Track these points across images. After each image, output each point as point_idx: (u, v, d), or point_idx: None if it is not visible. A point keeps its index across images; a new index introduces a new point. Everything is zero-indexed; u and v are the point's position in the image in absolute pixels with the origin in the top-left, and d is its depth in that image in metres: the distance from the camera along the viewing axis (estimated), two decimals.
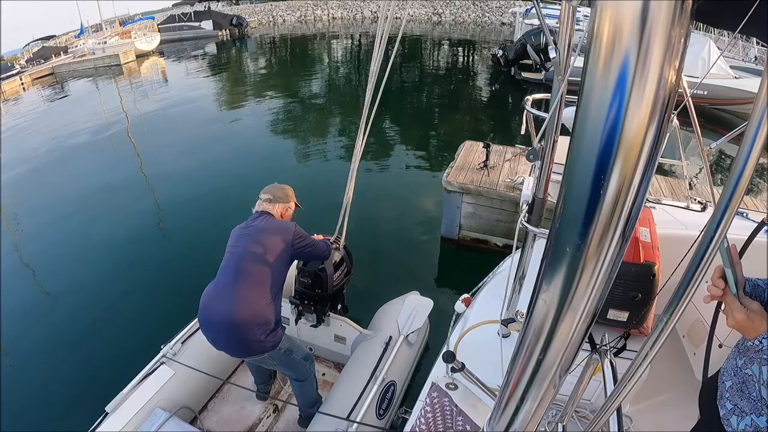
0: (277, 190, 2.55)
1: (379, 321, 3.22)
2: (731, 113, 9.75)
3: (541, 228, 1.68)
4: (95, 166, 8.55)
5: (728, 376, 1.28)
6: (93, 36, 24.70)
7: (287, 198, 2.56)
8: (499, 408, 0.76)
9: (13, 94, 16.60)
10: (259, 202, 2.51)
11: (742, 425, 1.18)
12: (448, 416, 1.53)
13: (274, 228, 2.38)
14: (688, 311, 2.51)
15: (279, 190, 2.56)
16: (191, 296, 2.45)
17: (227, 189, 6.61)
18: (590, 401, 1.98)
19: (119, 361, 3.52)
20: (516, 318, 1.83)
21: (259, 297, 2.20)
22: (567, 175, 0.46)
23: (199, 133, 10.12)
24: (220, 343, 2.29)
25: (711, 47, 9.53)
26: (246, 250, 2.28)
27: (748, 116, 0.68)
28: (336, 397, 2.62)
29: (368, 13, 35.60)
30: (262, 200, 2.50)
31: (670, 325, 0.78)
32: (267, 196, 2.50)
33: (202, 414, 2.89)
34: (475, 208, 4.92)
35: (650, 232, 2.03)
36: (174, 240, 5.71)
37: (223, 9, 35.57)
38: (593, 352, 1.19)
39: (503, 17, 30.27)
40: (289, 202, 2.57)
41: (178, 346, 2.87)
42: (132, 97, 14.26)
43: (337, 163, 8.08)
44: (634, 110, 0.39)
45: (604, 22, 0.37)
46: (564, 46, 1.38)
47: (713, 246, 0.73)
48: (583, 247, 0.48)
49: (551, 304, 0.55)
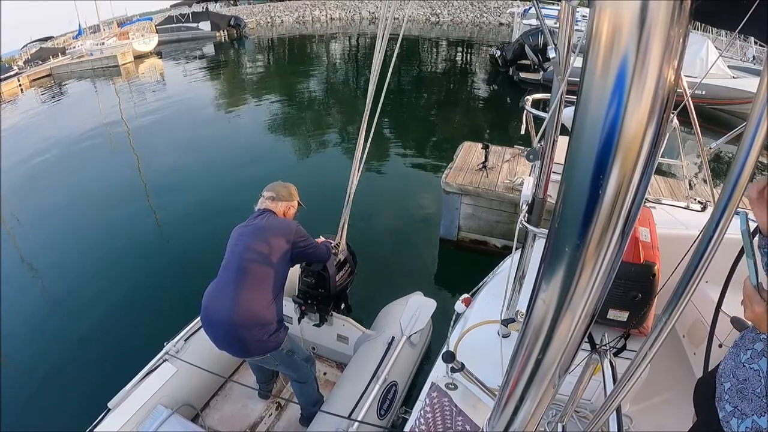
0: (280, 188, 2.51)
1: (382, 321, 3.22)
2: (729, 113, 9.76)
3: (540, 228, 1.68)
4: (94, 166, 8.56)
5: (726, 378, 1.27)
6: (91, 37, 24.67)
7: (290, 196, 2.52)
8: (498, 408, 0.76)
9: (11, 96, 16.57)
10: (261, 199, 2.48)
11: (742, 427, 1.17)
12: (448, 416, 1.53)
13: (276, 226, 2.34)
14: (688, 311, 2.52)
15: (282, 188, 2.52)
16: (194, 294, 2.46)
17: (227, 189, 6.62)
18: (590, 401, 1.98)
19: (122, 358, 3.53)
20: (516, 318, 1.83)
21: (260, 297, 2.19)
22: (566, 175, 0.46)
23: (198, 133, 10.13)
24: (222, 343, 2.29)
25: (709, 47, 9.56)
26: (247, 248, 2.26)
27: (747, 116, 0.68)
28: (338, 396, 2.62)
29: (366, 14, 35.63)
30: (265, 198, 2.46)
31: (669, 324, 0.78)
32: (270, 194, 2.46)
33: (204, 412, 2.90)
34: (474, 209, 4.91)
35: (650, 232, 2.03)
36: (177, 238, 5.71)
37: (221, 10, 35.61)
38: (593, 352, 1.19)
39: (501, 17, 30.33)
40: (292, 200, 2.53)
41: (181, 343, 2.87)
42: (130, 99, 14.24)
43: (336, 163, 8.08)
44: (633, 110, 0.39)
45: (603, 22, 0.37)
46: (563, 46, 1.38)
47: (713, 246, 0.73)
48: (583, 247, 0.48)
49: (550, 304, 0.55)
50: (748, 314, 1.12)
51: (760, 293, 1.09)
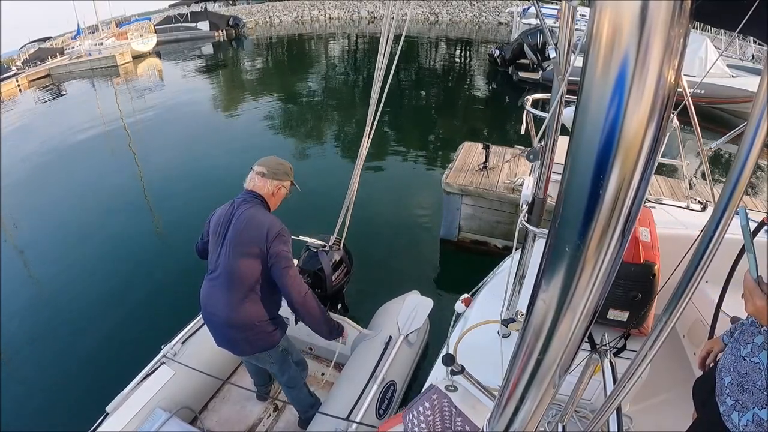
0: (273, 163, 2.25)
1: (379, 321, 3.22)
2: (729, 112, 9.78)
3: (540, 228, 1.68)
4: (93, 167, 8.54)
5: (727, 372, 1.28)
6: (89, 37, 24.66)
7: (284, 175, 2.26)
8: (498, 408, 0.76)
9: (9, 96, 16.54)
10: (251, 174, 2.24)
11: (743, 421, 1.17)
12: (447, 417, 1.53)
13: (258, 223, 2.10)
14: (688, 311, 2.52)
15: (277, 163, 2.26)
16: (191, 296, 2.45)
17: (226, 189, 6.53)
18: (590, 401, 1.98)
19: (119, 361, 3.52)
20: (516, 318, 1.83)
21: (252, 300, 2.14)
22: (566, 175, 0.46)
23: (197, 133, 10.12)
24: (221, 342, 2.30)
25: (708, 46, 9.57)
26: (231, 250, 2.10)
27: (746, 115, 0.68)
28: (336, 397, 2.62)
29: (365, 14, 35.64)
30: (255, 172, 2.22)
31: (669, 324, 0.78)
32: (261, 169, 2.21)
33: (203, 414, 2.89)
34: (475, 210, 4.91)
35: (650, 232, 2.03)
36: (173, 240, 5.69)
37: (219, 10, 35.60)
38: (593, 352, 1.19)
39: (500, 17, 30.35)
40: (285, 180, 2.28)
41: (179, 346, 2.87)
42: (129, 99, 14.23)
43: (336, 162, 8.08)
44: (633, 109, 0.38)
45: (603, 22, 0.37)
46: (564, 46, 1.38)
47: (713, 245, 0.73)
48: (583, 247, 0.47)
49: (551, 304, 0.55)
50: (749, 308, 1.13)
51: (760, 286, 1.09)
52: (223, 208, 2.24)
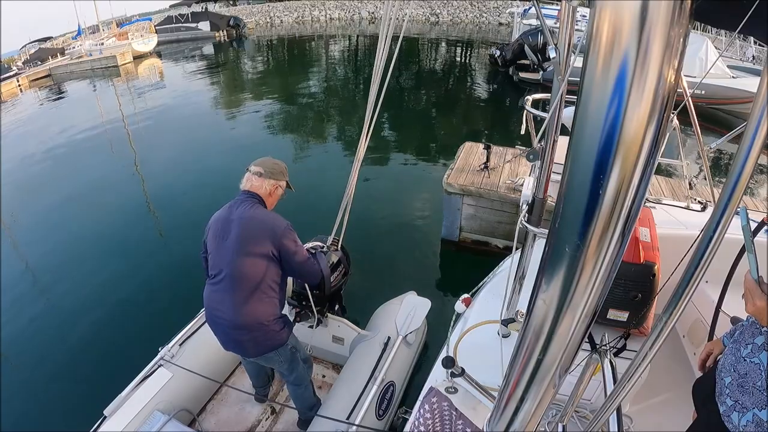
0: (269, 164, 2.30)
1: (377, 321, 3.21)
2: (728, 112, 9.77)
3: (541, 228, 1.68)
4: (93, 167, 8.53)
5: (727, 372, 1.28)
6: (90, 37, 24.63)
7: (280, 175, 2.31)
8: (498, 408, 0.77)
9: (10, 96, 16.55)
10: (247, 175, 2.28)
11: (743, 421, 1.17)
12: (447, 420, 1.53)
13: (260, 225, 2.13)
14: (688, 311, 2.52)
15: (272, 163, 2.31)
16: (189, 298, 2.45)
17: (226, 190, 6.55)
18: (590, 401, 1.98)
19: (117, 363, 3.49)
20: (516, 318, 1.83)
21: (258, 300, 2.14)
22: (566, 175, 0.46)
23: (197, 134, 10.12)
24: (229, 345, 2.28)
25: (708, 47, 9.57)
26: (236, 252, 2.10)
27: (746, 115, 0.68)
28: (335, 398, 2.61)
29: (366, 14, 35.66)
30: (252, 173, 2.26)
31: (669, 325, 0.78)
32: (257, 169, 2.26)
33: (201, 416, 2.88)
34: (476, 210, 4.91)
35: (650, 232, 2.03)
36: (172, 242, 5.68)
37: (220, 10, 35.66)
38: (593, 352, 1.19)
39: (501, 17, 30.34)
40: (281, 179, 2.32)
41: (176, 348, 2.86)
42: (129, 99, 14.23)
43: (335, 162, 8.06)
44: (633, 110, 0.39)
45: (603, 22, 0.37)
46: (564, 46, 1.38)
47: (713, 246, 0.73)
48: (583, 247, 0.47)
49: (551, 304, 0.55)
50: (749, 308, 1.13)
51: (760, 287, 1.09)
52: (221, 212, 2.25)
